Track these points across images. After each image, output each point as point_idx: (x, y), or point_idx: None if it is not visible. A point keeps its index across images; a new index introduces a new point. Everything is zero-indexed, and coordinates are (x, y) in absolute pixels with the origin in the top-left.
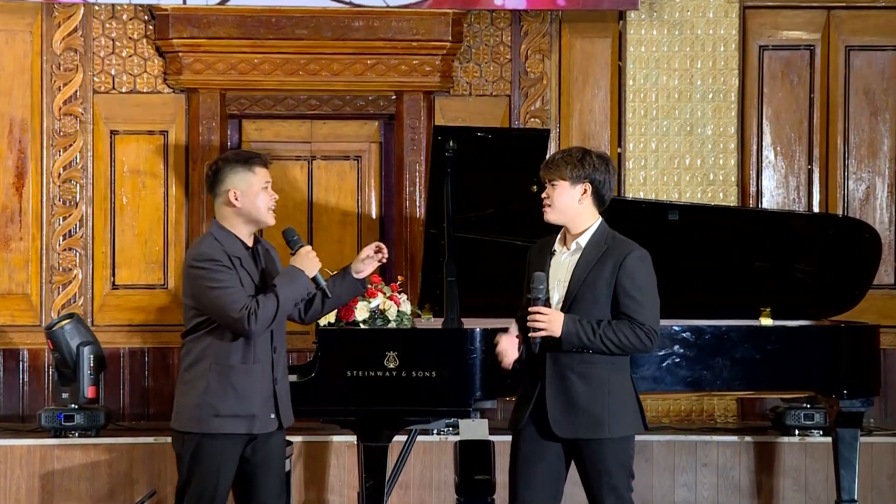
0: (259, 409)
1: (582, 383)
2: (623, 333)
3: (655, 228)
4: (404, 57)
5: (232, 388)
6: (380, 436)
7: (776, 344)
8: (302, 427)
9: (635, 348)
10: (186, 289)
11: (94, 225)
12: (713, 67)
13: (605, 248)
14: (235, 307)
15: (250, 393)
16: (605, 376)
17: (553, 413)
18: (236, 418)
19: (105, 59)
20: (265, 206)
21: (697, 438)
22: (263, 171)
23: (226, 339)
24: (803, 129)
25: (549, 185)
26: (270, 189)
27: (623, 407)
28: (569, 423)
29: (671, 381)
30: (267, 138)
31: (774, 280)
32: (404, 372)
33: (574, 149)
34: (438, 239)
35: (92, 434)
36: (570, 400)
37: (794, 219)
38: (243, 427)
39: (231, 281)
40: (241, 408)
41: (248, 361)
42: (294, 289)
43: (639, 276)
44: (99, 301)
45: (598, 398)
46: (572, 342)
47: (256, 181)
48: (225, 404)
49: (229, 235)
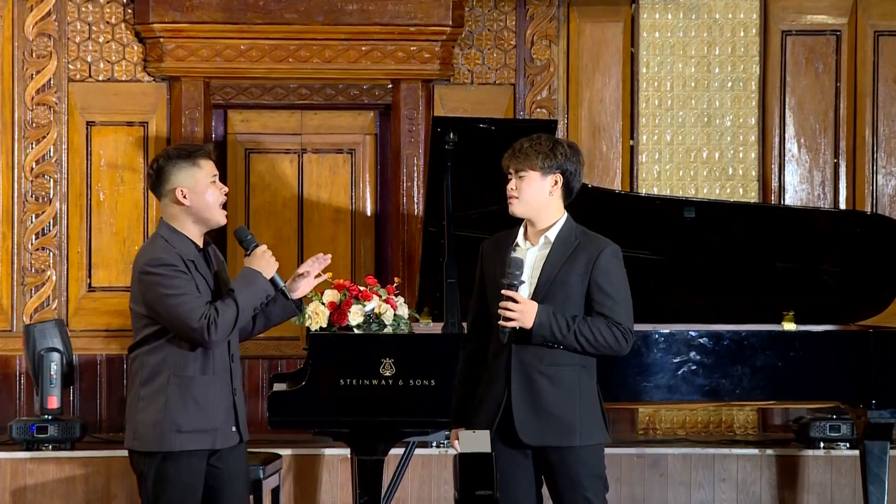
0: (221, 422)
1: (551, 387)
2: (599, 331)
3: (670, 226)
4: (401, 43)
5: (193, 401)
6: (375, 449)
7: (800, 350)
8: (291, 439)
9: (610, 348)
10: (137, 296)
11: (69, 223)
12: (732, 54)
13: (576, 242)
14: (194, 316)
15: (211, 405)
16: (575, 380)
17: (520, 418)
18: (199, 433)
19: (81, 45)
20: (215, 201)
21: (715, 451)
22: (209, 163)
23: (183, 349)
24: (829, 119)
25: (515, 176)
26: (219, 182)
27: (594, 413)
28: (537, 429)
29: (687, 390)
30: (254, 130)
31: (798, 282)
32: (401, 380)
33: (542, 136)
34: (438, 238)
35: (67, 447)
36: (539, 404)
37: (818, 216)
38: (207, 442)
39: (188, 287)
40: (203, 422)
41: (208, 372)
42: (253, 292)
43: (614, 273)
44: (74, 304)
45: (569, 403)
46: (543, 335)
47: (203, 176)
48: (186, 419)
49: (180, 237)
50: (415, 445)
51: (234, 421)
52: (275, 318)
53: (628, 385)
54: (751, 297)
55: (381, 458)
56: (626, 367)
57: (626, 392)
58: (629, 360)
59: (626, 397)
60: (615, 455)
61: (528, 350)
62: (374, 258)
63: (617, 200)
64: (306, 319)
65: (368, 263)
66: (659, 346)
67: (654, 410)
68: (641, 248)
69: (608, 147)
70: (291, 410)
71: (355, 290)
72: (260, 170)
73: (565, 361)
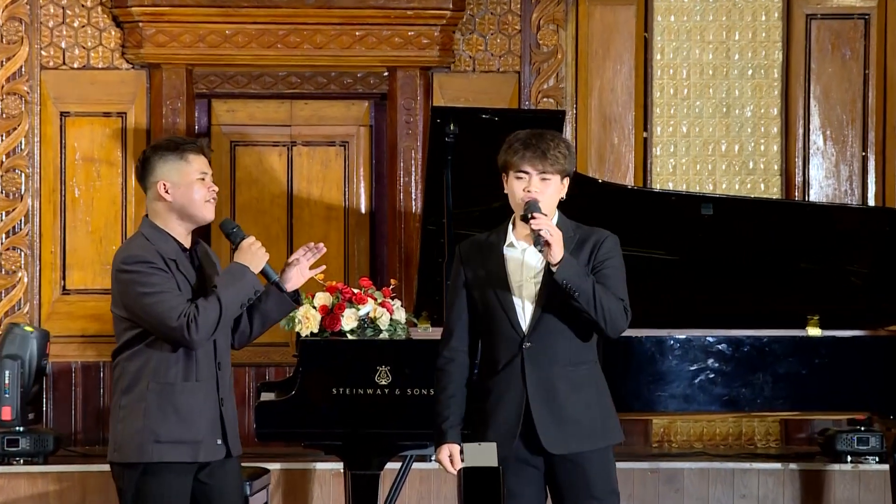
0: (205, 433)
1: (570, 390)
2: (608, 297)
3: (686, 224)
4: (398, 27)
5: (173, 409)
6: (370, 463)
7: (826, 357)
8: (280, 453)
9: (612, 319)
10: (116, 298)
11: (42, 221)
12: (753, 39)
13: (575, 237)
14: (173, 315)
15: (194, 415)
16: (591, 377)
17: (543, 426)
18: (180, 444)
19: (54, 31)
20: (201, 198)
21: (735, 466)
22: (199, 159)
23: (165, 353)
24: (857, 110)
25: (537, 177)
26: (209, 180)
27: (610, 411)
28: (561, 436)
29: (704, 400)
30: (240, 121)
31: (823, 284)
32: (398, 389)
33: (557, 136)
34: (437, 237)
35: (39, 461)
36: (560, 410)
37: (845, 213)
38: (188, 454)
39: (166, 285)
40: (184, 432)
41: (190, 378)
42: (239, 288)
43: (616, 257)
44: (47, 308)
45: (589, 404)
46: (568, 273)
47: (190, 171)
48: (166, 428)
49: (162, 235)
50: (413, 459)
51: (220, 433)
52: (272, 315)
53: (641, 394)
54: (773, 300)
55: (377, 472)
56: (639, 375)
57: (639, 402)
58: (642, 367)
59: (639, 407)
60: (627, 469)
61: (543, 352)
62: (368, 259)
63: (629, 196)
64: (296, 324)
65: (363, 264)
66: (674, 352)
67: (670, 422)
68: (655, 248)
69: (620, 139)
70: (280, 421)
71: (349, 292)
72: (246, 164)
73: (581, 359)
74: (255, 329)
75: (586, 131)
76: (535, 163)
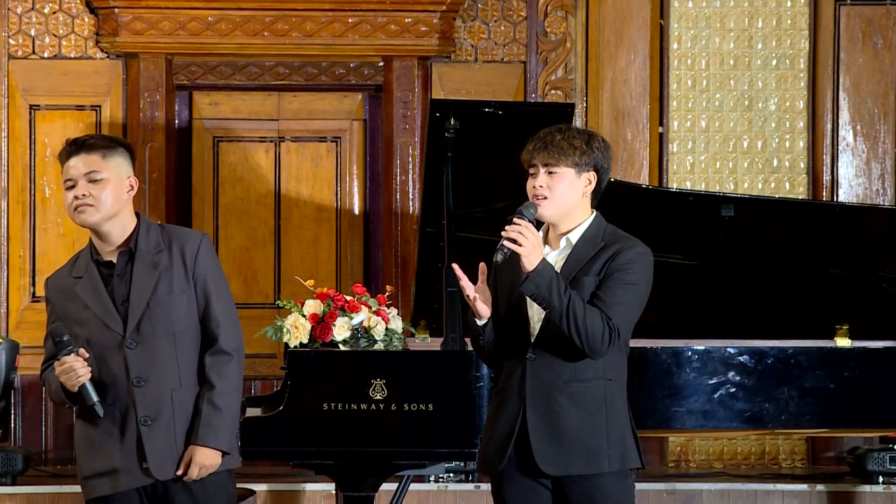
0: (122, 461)
1: (573, 407)
2: (590, 317)
3: (705, 226)
4: (394, 14)
5: (88, 440)
6: (364, 483)
7: (856, 370)
8: (267, 473)
9: (589, 339)
10: None
11: (10, 222)
12: (777, 27)
13: (601, 244)
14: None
15: (105, 443)
16: (601, 397)
17: (538, 444)
18: (102, 477)
19: (23, 17)
20: (70, 207)
21: (758, 487)
22: (68, 164)
23: None
24: (889, 103)
25: (543, 172)
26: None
27: (624, 434)
28: (559, 456)
29: (725, 417)
30: (224, 115)
31: (853, 291)
32: (394, 404)
33: (574, 128)
34: (436, 240)
35: (7, 481)
36: (559, 428)
37: (877, 214)
38: (107, 487)
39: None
40: (99, 463)
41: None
42: (52, 388)
43: (633, 269)
44: (15, 317)
45: (593, 425)
46: (538, 285)
47: (64, 179)
48: (87, 462)
49: (87, 246)
50: (410, 480)
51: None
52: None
53: (657, 410)
54: (798, 308)
55: (371, 494)
56: (655, 389)
57: (654, 418)
58: (658, 380)
59: (654, 424)
60: (642, 490)
61: (545, 365)
62: (362, 263)
63: (644, 196)
64: (284, 334)
65: (356, 269)
66: (692, 364)
67: (687, 439)
68: (672, 252)
69: (633, 135)
70: (267, 439)
71: (341, 300)
72: (231, 161)
73: (589, 375)
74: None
75: (597, 126)
76: (537, 154)
